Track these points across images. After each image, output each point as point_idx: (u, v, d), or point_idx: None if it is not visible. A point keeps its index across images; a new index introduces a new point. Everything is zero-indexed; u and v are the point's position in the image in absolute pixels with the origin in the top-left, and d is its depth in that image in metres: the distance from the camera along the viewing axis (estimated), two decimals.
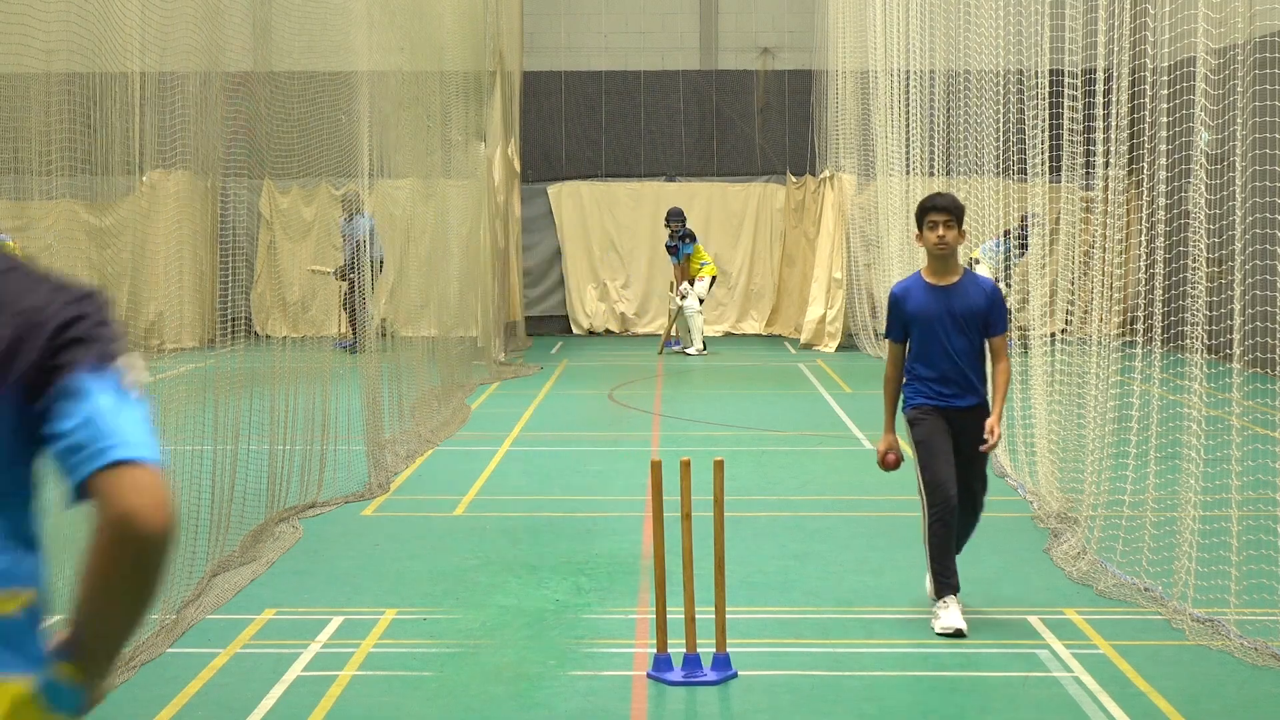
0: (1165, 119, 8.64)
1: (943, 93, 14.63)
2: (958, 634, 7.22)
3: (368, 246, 13.59)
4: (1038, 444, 10.52)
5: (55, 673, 2.36)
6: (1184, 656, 6.98)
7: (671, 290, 21.77)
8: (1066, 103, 9.76)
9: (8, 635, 2.34)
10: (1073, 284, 10.38)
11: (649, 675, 6.70)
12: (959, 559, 7.19)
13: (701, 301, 21.46)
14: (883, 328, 8.31)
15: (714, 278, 21.84)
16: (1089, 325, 10.03)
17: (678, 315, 21.48)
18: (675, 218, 21.44)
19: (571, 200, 25.25)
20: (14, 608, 2.36)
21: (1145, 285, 9.21)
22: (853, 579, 8.47)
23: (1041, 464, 10.31)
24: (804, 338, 22.43)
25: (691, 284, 21.29)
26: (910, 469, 7.70)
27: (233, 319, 9.94)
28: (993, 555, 8.99)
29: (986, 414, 7.40)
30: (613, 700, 6.44)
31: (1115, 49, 9.27)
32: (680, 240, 21.28)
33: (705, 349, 21.43)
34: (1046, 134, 10.37)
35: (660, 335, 22.55)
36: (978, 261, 17.65)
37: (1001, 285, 17.85)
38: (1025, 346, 11.57)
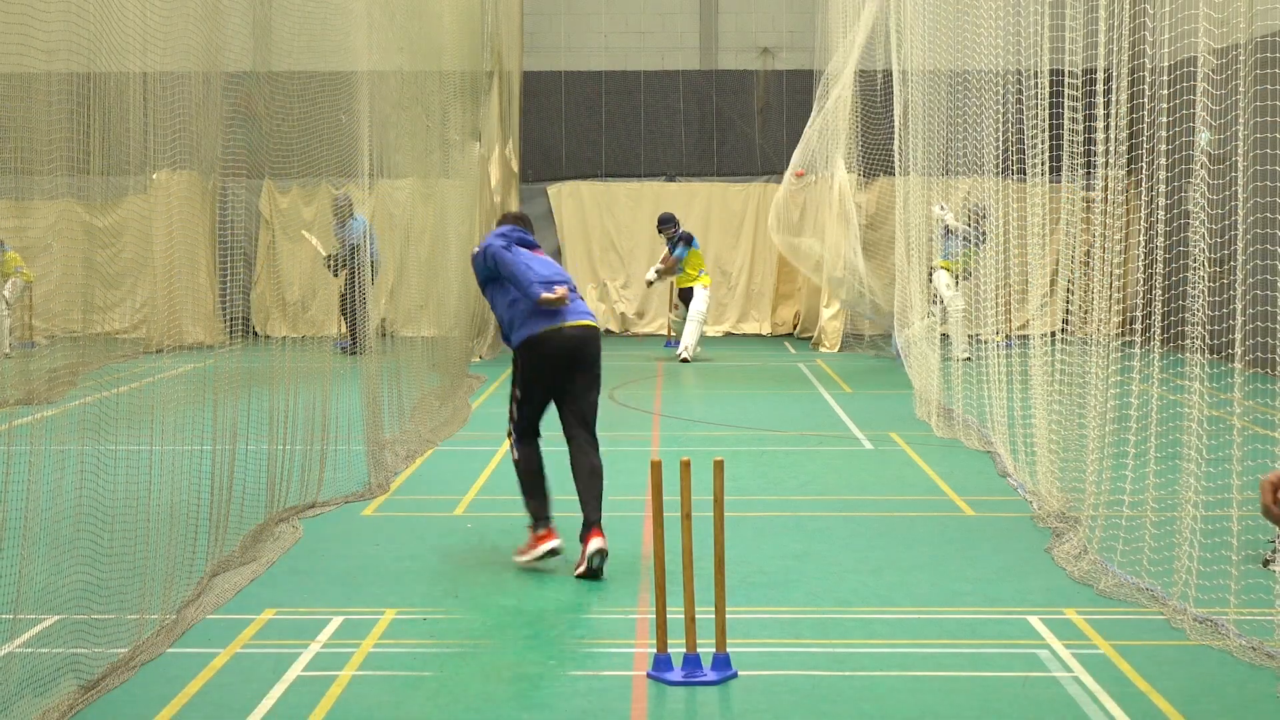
0: (1165, 119, 8.63)
1: (943, 93, 14.62)
2: None
3: (366, 247, 13.59)
4: (1038, 444, 10.52)
5: None
6: (1184, 656, 6.98)
7: (665, 292, 21.45)
8: (1066, 103, 9.75)
9: None
10: (1072, 284, 10.38)
11: (649, 675, 6.70)
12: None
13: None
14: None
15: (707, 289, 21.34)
16: (1089, 325, 10.03)
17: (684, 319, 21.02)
18: (668, 223, 20.90)
19: (571, 200, 25.25)
20: None
21: (1145, 285, 9.21)
22: (853, 579, 8.47)
23: (1041, 463, 10.32)
24: (814, 338, 22.40)
25: (683, 296, 20.76)
26: None
27: (232, 319, 9.95)
28: (993, 555, 9.00)
29: None
30: (613, 700, 6.45)
31: (1115, 49, 9.26)
32: (678, 242, 20.80)
33: (689, 359, 20.64)
34: (1046, 134, 10.36)
35: (666, 334, 22.49)
36: (938, 269, 17.74)
37: (956, 283, 17.91)
38: (1024, 344, 11.58)
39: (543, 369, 8.73)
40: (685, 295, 20.78)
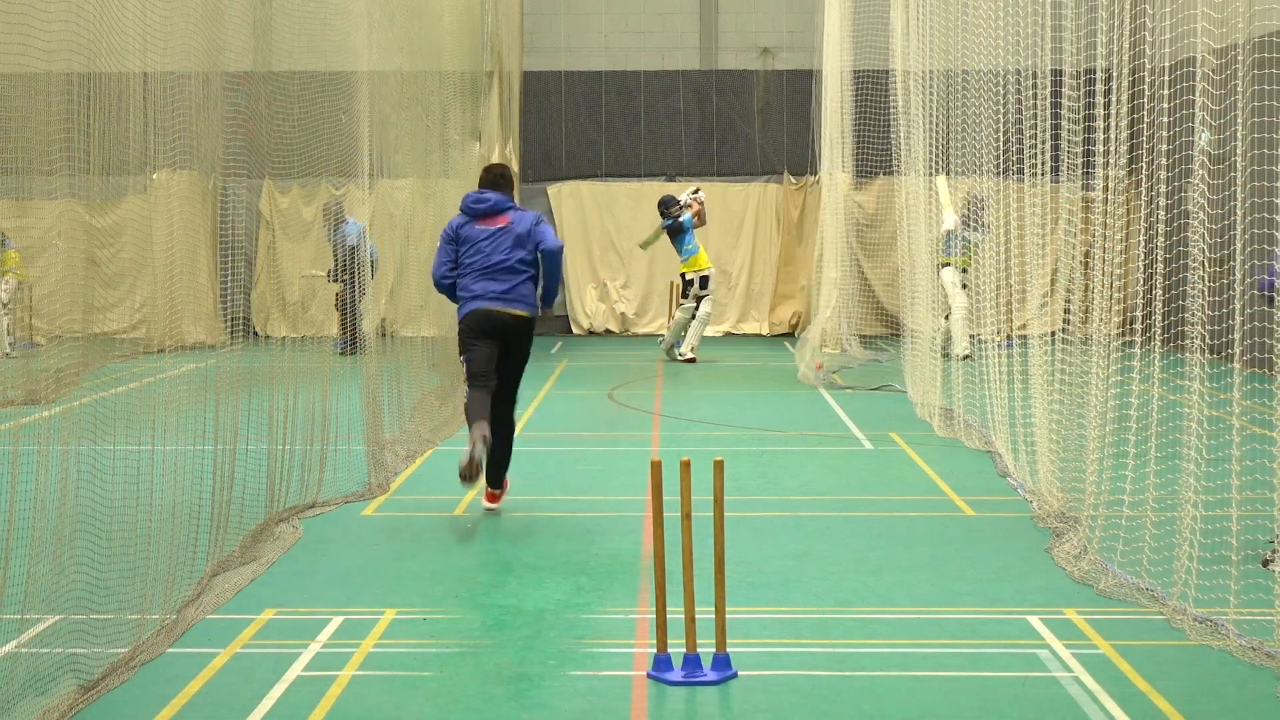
0: (1165, 119, 8.63)
1: (942, 93, 14.62)
2: None
3: (365, 247, 13.58)
4: (1038, 444, 10.52)
5: None
6: (1184, 656, 6.98)
7: (681, 297, 21.16)
8: (1066, 103, 9.75)
9: None
10: (1071, 283, 10.38)
11: (649, 675, 6.70)
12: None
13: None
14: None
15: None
16: (1089, 325, 10.03)
17: (688, 318, 20.79)
18: (671, 204, 20.63)
19: (572, 200, 25.25)
20: None
21: (1145, 285, 9.21)
22: (853, 579, 8.48)
23: (1041, 463, 10.32)
24: (817, 339, 22.35)
25: (705, 283, 20.54)
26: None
27: (233, 319, 9.93)
28: (993, 555, 9.00)
29: None
30: (613, 700, 6.45)
31: (1115, 49, 9.26)
32: (678, 234, 20.55)
33: (689, 358, 20.57)
34: (1046, 134, 10.37)
35: (661, 334, 22.40)
36: (946, 265, 17.74)
37: (962, 277, 17.92)
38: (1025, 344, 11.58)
39: (476, 333, 9.94)
40: (704, 281, 20.41)
